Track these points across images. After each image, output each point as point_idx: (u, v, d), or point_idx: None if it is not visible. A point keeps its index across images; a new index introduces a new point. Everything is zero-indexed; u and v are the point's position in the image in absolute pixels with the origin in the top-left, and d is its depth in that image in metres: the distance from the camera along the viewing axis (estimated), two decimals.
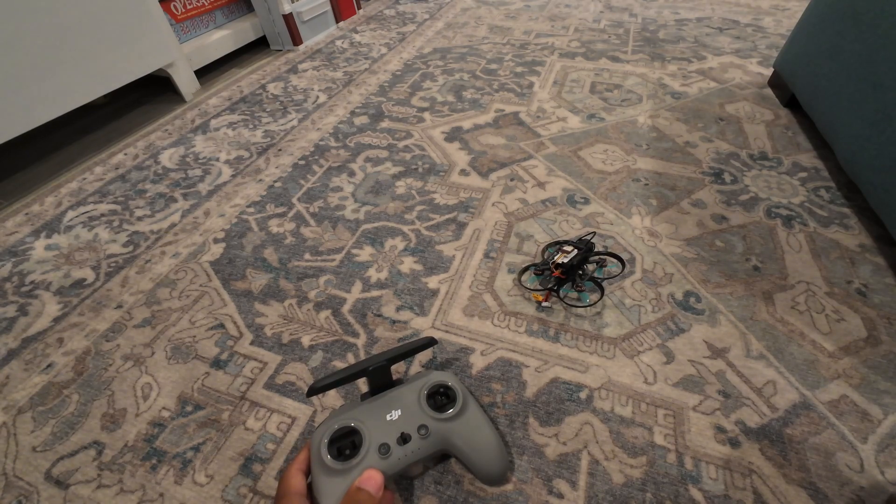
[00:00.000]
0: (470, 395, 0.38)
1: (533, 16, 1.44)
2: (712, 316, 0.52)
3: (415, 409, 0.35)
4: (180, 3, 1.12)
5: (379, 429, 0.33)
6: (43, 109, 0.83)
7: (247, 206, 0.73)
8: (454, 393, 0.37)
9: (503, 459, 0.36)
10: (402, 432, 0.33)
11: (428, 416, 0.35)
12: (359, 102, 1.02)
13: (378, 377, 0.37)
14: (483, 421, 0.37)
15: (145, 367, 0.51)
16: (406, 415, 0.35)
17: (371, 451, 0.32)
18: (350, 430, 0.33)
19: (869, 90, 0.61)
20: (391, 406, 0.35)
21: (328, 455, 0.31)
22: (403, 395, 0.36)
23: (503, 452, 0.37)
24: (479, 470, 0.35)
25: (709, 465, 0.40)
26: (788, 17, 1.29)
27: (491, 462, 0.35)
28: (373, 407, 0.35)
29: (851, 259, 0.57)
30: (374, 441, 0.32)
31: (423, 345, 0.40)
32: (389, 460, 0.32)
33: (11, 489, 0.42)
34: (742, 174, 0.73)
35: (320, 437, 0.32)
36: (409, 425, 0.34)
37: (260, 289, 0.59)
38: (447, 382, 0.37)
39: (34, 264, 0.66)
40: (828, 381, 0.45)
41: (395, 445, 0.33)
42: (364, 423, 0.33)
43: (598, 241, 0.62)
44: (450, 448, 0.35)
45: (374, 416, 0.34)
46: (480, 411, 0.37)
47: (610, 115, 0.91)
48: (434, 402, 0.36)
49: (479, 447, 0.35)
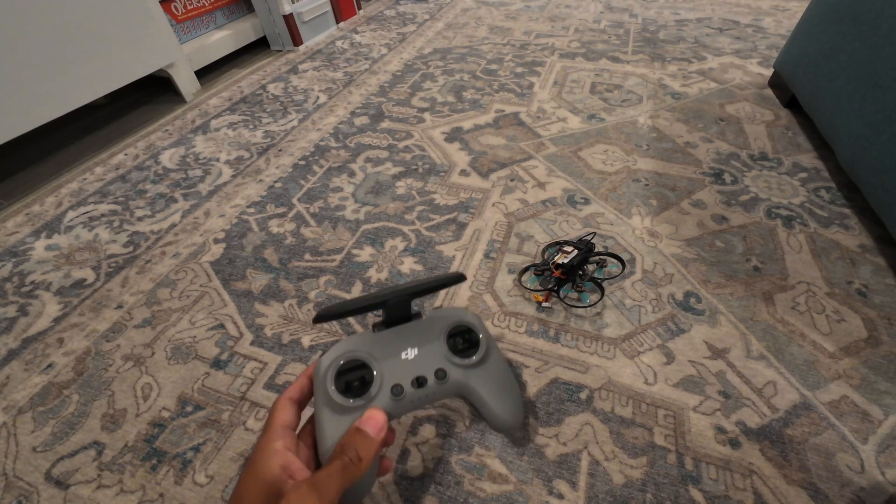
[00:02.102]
0: (493, 342, 0.35)
1: (533, 16, 1.44)
2: (712, 316, 0.52)
3: (434, 351, 0.32)
4: (181, 3, 1.13)
5: (393, 367, 0.30)
6: (43, 109, 0.83)
7: (247, 207, 0.74)
8: (476, 337, 0.33)
9: (521, 409, 0.34)
10: (418, 375, 0.30)
11: (447, 360, 0.31)
12: (359, 103, 1.02)
13: (396, 310, 0.33)
14: (505, 370, 0.34)
15: (145, 368, 0.51)
16: (423, 356, 0.31)
17: (383, 390, 0.29)
18: (361, 364, 0.30)
19: (869, 90, 0.61)
20: (408, 343, 0.32)
21: (335, 389, 0.28)
22: (422, 333, 0.32)
23: (521, 403, 0.34)
24: (496, 418, 0.33)
25: (709, 465, 0.40)
26: (788, 18, 1.29)
27: (509, 411, 0.33)
28: (387, 342, 0.32)
29: (852, 259, 0.57)
30: (386, 380, 0.29)
31: (451, 280, 0.35)
32: (401, 403, 0.29)
33: (11, 489, 0.42)
34: (742, 174, 0.73)
35: (326, 368, 0.29)
36: (426, 368, 0.31)
37: (260, 289, 0.59)
38: (470, 325, 0.34)
39: (34, 264, 0.66)
40: (828, 381, 0.45)
41: (410, 388, 0.30)
42: (377, 359, 0.30)
43: (598, 242, 0.62)
44: (466, 394, 0.32)
45: (388, 352, 0.31)
46: (502, 359, 0.35)
47: (610, 115, 0.91)
48: (454, 344, 0.32)
49: (498, 397, 0.32)
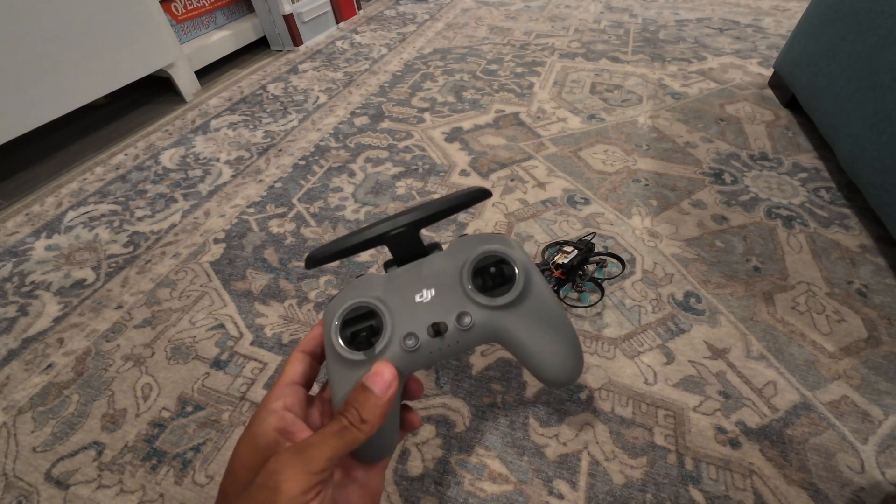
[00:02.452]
0: (536, 273, 0.26)
1: (533, 16, 1.44)
2: (712, 316, 0.52)
3: (455, 290, 0.25)
4: (181, 3, 1.13)
5: (405, 312, 0.25)
6: (43, 110, 0.83)
7: (247, 207, 0.74)
8: (512, 270, 0.25)
9: (577, 358, 0.27)
10: (434, 322, 0.24)
11: (472, 300, 0.24)
12: (359, 103, 1.02)
13: (402, 245, 0.27)
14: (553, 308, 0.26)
15: (145, 368, 0.51)
16: (442, 297, 0.25)
17: (394, 341, 0.24)
18: (368, 311, 0.25)
19: (869, 91, 0.61)
20: (422, 283, 0.25)
21: (340, 341, 0.24)
22: (440, 269, 0.26)
23: (577, 349, 0.27)
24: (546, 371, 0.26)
25: (709, 465, 0.40)
26: (788, 18, 1.29)
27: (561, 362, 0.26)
28: (398, 282, 0.26)
29: (852, 259, 0.57)
30: (397, 328, 0.24)
31: (470, 198, 0.28)
32: (417, 355, 0.24)
33: (11, 489, 0.42)
34: (742, 175, 0.73)
35: (332, 316, 0.25)
36: (444, 312, 0.24)
37: (260, 289, 0.59)
38: (502, 254, 0.25)
39: (34, 264, 0.66)
40: (828, 381, 0.45)
41: (426, 337, 0.24)
42: (385, 304, 0.25)
43: (598, 242, 0.62)
44: (503, 341, 0.26)
45: (400, 294, 0.25)
46: (549, 296, 0.26)
47: (610, 115, 0.91)
48: (482, 282, 0.25)
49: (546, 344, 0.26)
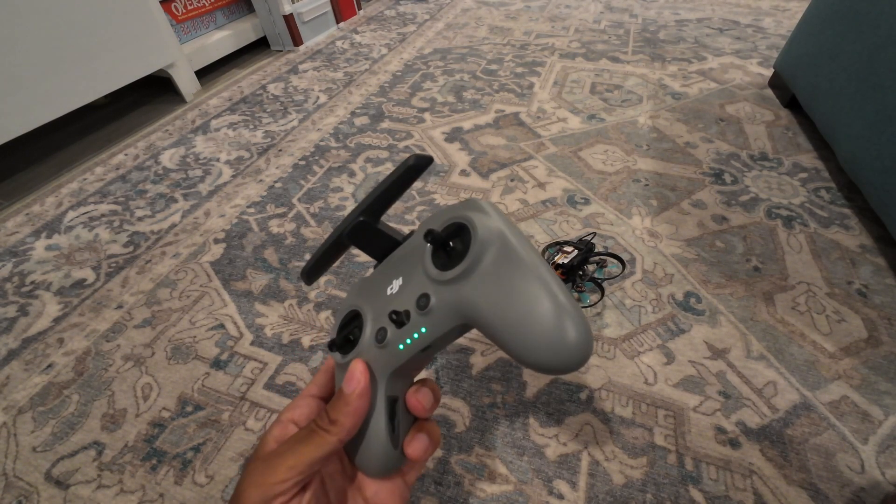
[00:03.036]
0: (508, 233, 0.19)
1: (533, 16, 1.44)
2: (713, 316, 0.52)
3: (417, 273, 0.22)
4: (181, 3, 1.13)
5: (378, 308, 0.23)
6: (44, 110, 0.83)
7: (247, 207, 0.74)
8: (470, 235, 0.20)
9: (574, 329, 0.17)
10: (393, 310, 0.21)
11: (430, 279, 0.21)
12: (359, 103, 1.02)
13: (367, 242, 0.25)
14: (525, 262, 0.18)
15: (145, 368, 0.51)
16: (407, 283, 0.22)
17: (368, 339, 0.23)
18: (355, 314, 0.24)
19: (869, 91, 0.61)
20: (392, 273, 0.23)
21: (333, 349, 0.24)
22: (406, 255, 0.24)
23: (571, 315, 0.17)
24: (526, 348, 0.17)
25: (709, 465, 0.40)
26: (789, 18, 1.29)
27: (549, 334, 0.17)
28: (374, 279, 0.25)
29: (852, 260, 0.57)
30: (373, 325, 0.23)
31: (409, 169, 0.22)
32: (388, 351, 0.22)
33: (11, 489, 0.42)
34: (742, 175, 0.73)
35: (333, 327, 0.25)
36: (406, 299, 0.22)
37: (260, 289, 0.59)
38: (460, 218, 0.20)
39: (35, 264, 0.66)
40: (828, 381, 0.45)
41: (393, 329, 0.22)
42: (364, 303, 0.24)
43: (598, 242, 0.62)
44: (475, 323, 0.19)
45: (374, 290, 0.24)
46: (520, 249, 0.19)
47: (610, 115, 0.91)
48: (445, 256, 0.21)
49: (523, 314, 0.18)
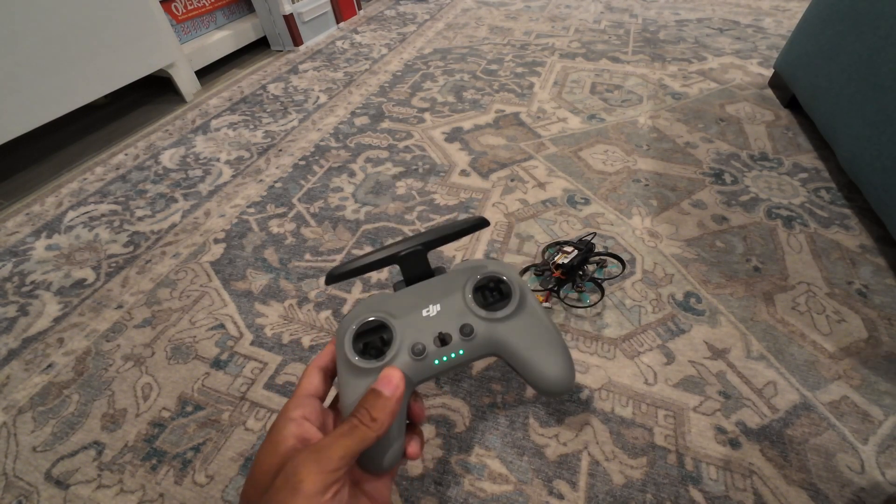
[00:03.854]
0: (529, 293, 0.30)
1: (533, 16, 1.44)
2: (713, 317, 0.52)
3: (458, 306, 0.28)
4: (181, 3, 1.13)
5: (412, 326, 0.28)
6: (44, 109, 0.83)
7: (247, 207, 0.74)
8: (509, 288, 0.29)
9: (569, 368, 0.29)
10: (440, 332, 0.27)
11: (473, 313, 0.28)
12: (359, 103, 1.02)
13: (413, 265, 0.31)
14: (545, 322, 0.29)
15: (145, 368, 0.51)
16: (446, 311, 0.28)
17: (402, 350, 0.27)
18: (379, 324, 0.28)
19: (869, 91, 0.61)
20: (429, 299, 0.29)
21: (353, 351, 0.27)
22: (444, 288, 0.29)
23: (569, 360, 0.29)
24: (541, 379, 0.28)
25: (709, 465, 0.40)
26: (789, 18, 1.29)
27: (555, 370, 0.28)
28: (406, 299, 0.29)
29: (852, 260, 0.57)
30: (406, 339, 0.27)
31: (473, 226, 0.30)
32: (424, 364, 0.27)
33: (11, 489, 0.42)
34: (742, 175, 0.73)
35: (345, 330, 0.28)
36: (449, 324, 0.28)
37: (260, 289, 0.59)
38: (501, 275, 0.29)
39: (35, 264, 0.66)
40: (828, 381, 0.45)
41: (433, 347, 0.27)
42: (395, 318, 0.28)
43: (598, 242, 0.62)
44: (501, 352, 0.29)
45: (408, 310, 0.28)
46: (541, 311, 0.30)
47: (610, 115, 0.91)
48: (483, 298, 0.29)
49: (541, 353, 0.28)
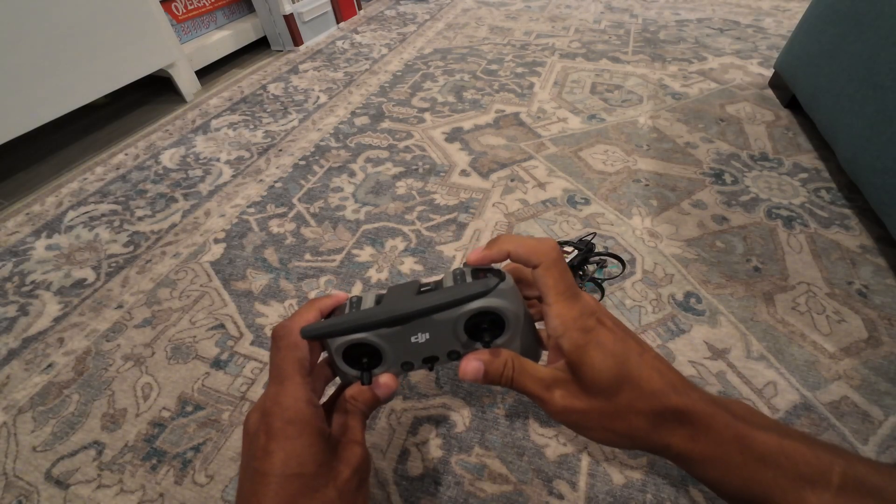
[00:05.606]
0: (523, 321, 0.28)
1: (533, 16, 1.44)
2: (713, 317, 0.52)
3: (447, 336, 0.28)
4: (181, 3, 1.13)
5: (402, 349, 0.29)
6: (44, 109, 0.83)
7: (247, 207, 0.74)
8: (504, 322, 0.27)
9: None
10: (428, 356, 0.29)
11: (461, 343, 0.28)
12: (359, 103, 1.02)
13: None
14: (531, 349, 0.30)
15: (145, 367, 0.51)
16: (435, 339, 0.28)
17: (394, 365, 0.29)
18: (372, 348, 0.29)
19: (870, 91, 0.61)
20: (417, 328, 0.28)
21: (344, 362, 0.29)
22: (434, 322, 0.28)
23: None
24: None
25: None
26: (789, 18, 1.29)
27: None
28: (396, 330, 0.29)
29: (852, 260, 0.57)
30: (395, 359, 0.29)
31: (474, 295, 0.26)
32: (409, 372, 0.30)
33: (11, 489, 0.42)
34: (743, 175, 0.73)
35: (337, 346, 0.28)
36: (438, 349, 0.28)
37: (260, 289, 0.59)
38: (496, 309, 0.27)
39: (35, 264, 0.66)
40: (828, 382, 0.45)
41: (420, 364, 0.29)
42: (386, 341, 0.28)
43: (598, 242, 0.62)
44: None
45: (398, 338, 0.28)
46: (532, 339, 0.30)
47: (610, 115, 0.91)
48: (475, 325, 0.27)
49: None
